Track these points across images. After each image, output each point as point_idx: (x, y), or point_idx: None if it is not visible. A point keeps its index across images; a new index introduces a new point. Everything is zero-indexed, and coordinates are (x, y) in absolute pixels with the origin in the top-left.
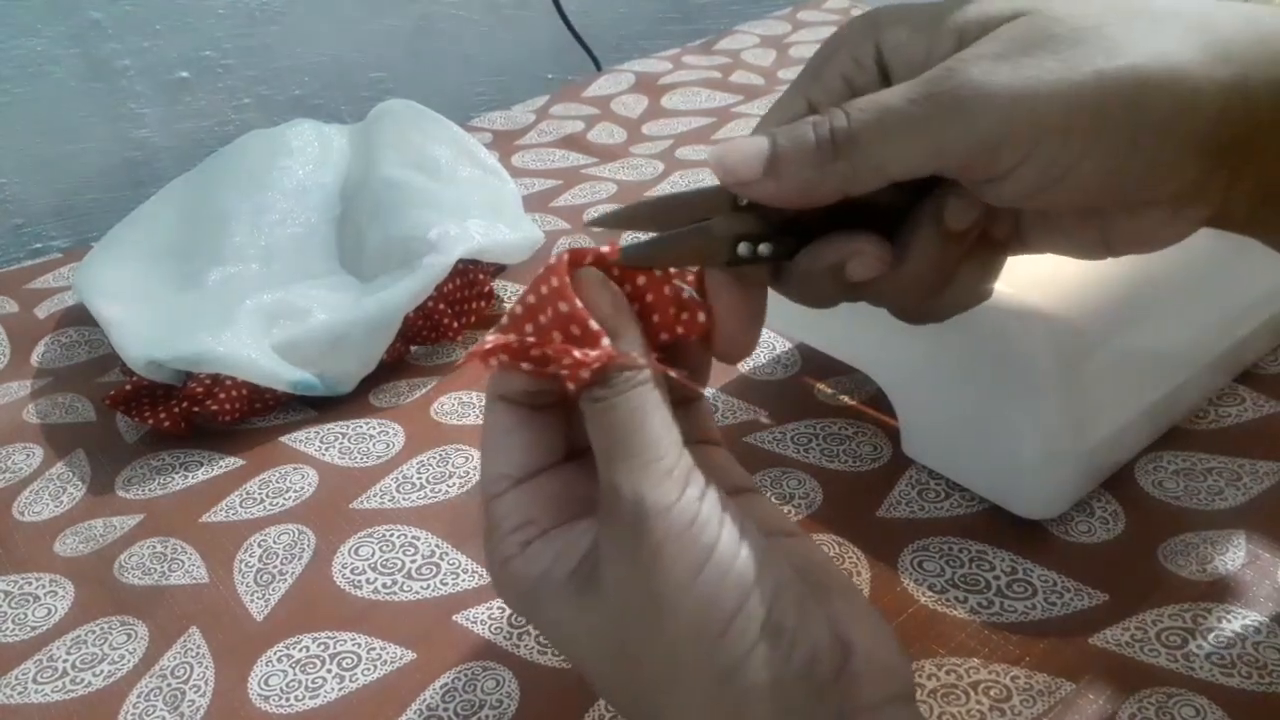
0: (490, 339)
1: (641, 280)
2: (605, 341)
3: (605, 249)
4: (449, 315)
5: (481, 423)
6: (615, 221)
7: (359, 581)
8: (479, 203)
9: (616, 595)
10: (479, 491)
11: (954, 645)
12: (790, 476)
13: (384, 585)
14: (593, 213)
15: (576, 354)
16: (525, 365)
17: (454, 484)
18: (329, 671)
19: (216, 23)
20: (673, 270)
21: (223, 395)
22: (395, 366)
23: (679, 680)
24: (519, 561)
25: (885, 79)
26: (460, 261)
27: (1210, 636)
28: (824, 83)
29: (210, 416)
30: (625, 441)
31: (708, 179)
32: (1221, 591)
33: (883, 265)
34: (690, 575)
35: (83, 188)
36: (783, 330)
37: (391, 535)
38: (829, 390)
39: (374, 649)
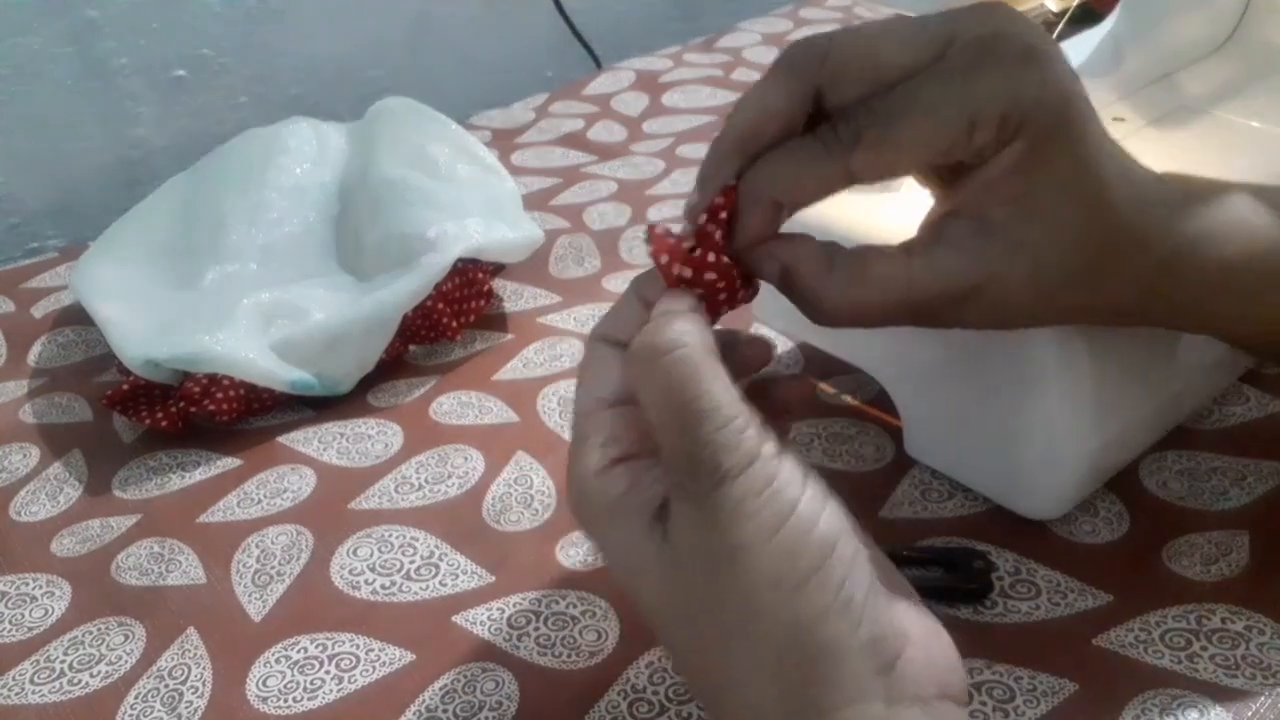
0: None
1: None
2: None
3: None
4: (448, 314)
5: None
6: None
7: (357, 582)
8: (478, 201)
9: (689, 550)
10: (571, 414)
11: (958, 646)
12: None
13: (383, 586)
14: (593, 211)
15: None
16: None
17: (453, 484)
18: (327, 673)
19: (213, 21)
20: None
21: (220, 395)
22: (394, 366)
23: (750, 631)
24: (602, 478)
25: None
26: (459, 260)
27: (1214, 638)
28: (972, 145)
29: (208, 416)
30: (692, 405)
31: None
32: (1226, 592)
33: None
34: (770, 530)
35: (79, 187)
36: (785, 330)
37: (390, 536)
38: (831, 390)
39: (373, 650)
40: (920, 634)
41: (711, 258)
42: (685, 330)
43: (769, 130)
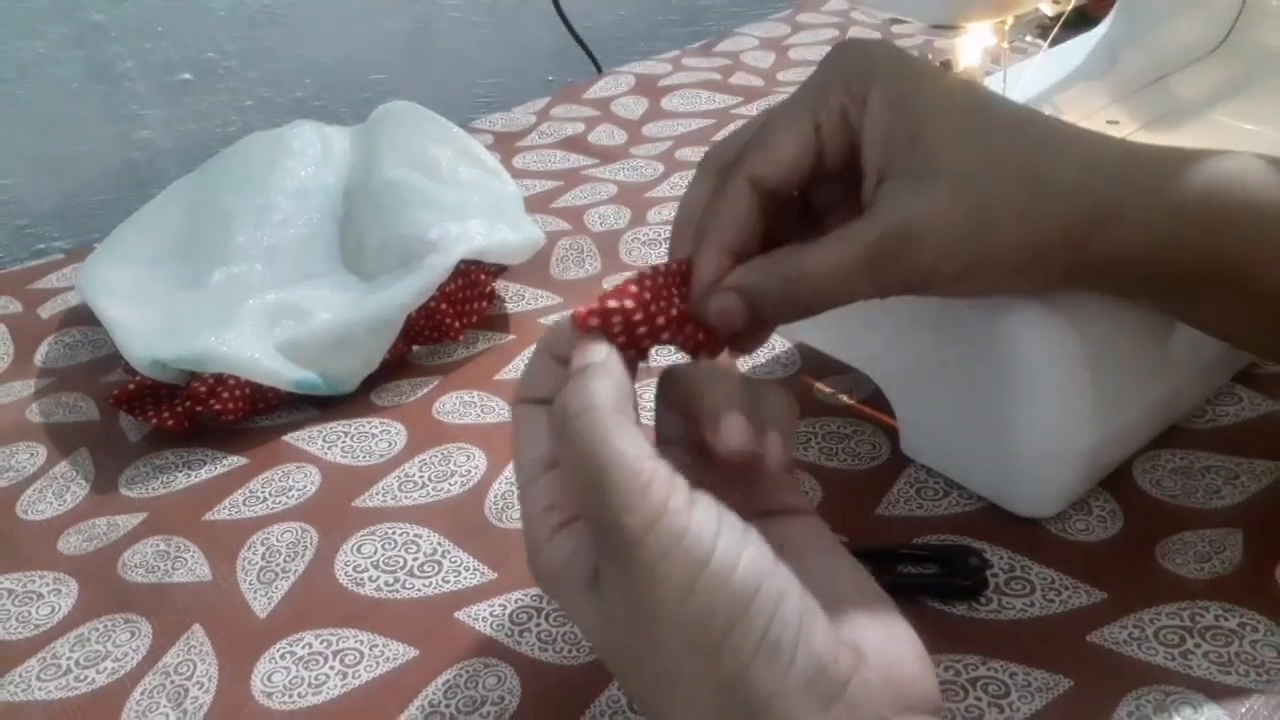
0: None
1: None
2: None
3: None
4: (451, 315)
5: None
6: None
7: (361, 579)
8: (480, 203)
9: (616, 608)
10: (513, 487)
11: (953, 642)
12: None
13: (386, 583)
14: (593, 213)
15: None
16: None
17: (456, 482)
18: (332, 668)
19: (218, 25)
20: None
21: (226, 394)
22: (397, 366)
23: (679, 688)
24: (547, 547)
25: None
26: (462, 262)
27: (1208, 635)
28: (829, 107)
29: (213, 415)
30: (596, 466)
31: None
32: (1219, 590)
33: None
34: (684, 590)
35: (85, 189)
36: (782, 330)
37: (394, 533)
38: (828, 390)
39: (376, 646)
40: (878, 648)
41: (647, 295)
42: (594, 390)
43: (699, 208)
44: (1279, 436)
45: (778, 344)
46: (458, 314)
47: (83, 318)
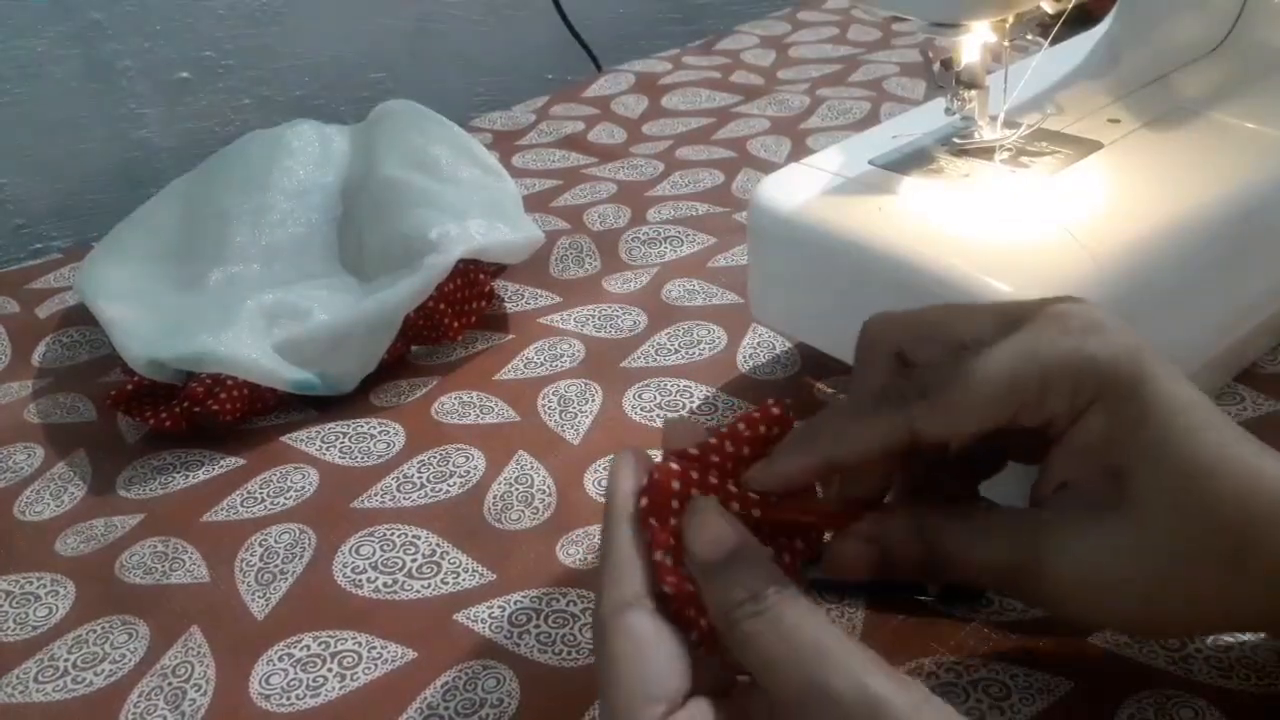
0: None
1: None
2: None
3: None
4: (450, 315)
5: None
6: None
7: (360, 580)
8: (479, 203)
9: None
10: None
11: (954, 644)
12: None
13: (385, 584)
14: (593, 212)
15: None
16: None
17: (454, 483)
18: (330, 670)
19: (217, 23)
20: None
21: (224, 395)
22: (396, 366)
23: None
24: None
25: None
26: (461, 261)
27: (1209, 639)
28: (1041, 405)
29: (211, 416)
30: (818, 642)
31: (706, 180)
32: None
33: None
34: None
35: (83, 188)
36: (783, 330)
37: (392, 534)
38: (828, 390)
39: (375, 648)
40: None
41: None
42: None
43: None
44: None
45: (778, 344)
46: (456, 314)
47: (80, 318)
